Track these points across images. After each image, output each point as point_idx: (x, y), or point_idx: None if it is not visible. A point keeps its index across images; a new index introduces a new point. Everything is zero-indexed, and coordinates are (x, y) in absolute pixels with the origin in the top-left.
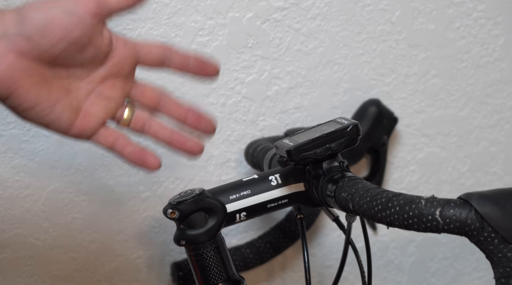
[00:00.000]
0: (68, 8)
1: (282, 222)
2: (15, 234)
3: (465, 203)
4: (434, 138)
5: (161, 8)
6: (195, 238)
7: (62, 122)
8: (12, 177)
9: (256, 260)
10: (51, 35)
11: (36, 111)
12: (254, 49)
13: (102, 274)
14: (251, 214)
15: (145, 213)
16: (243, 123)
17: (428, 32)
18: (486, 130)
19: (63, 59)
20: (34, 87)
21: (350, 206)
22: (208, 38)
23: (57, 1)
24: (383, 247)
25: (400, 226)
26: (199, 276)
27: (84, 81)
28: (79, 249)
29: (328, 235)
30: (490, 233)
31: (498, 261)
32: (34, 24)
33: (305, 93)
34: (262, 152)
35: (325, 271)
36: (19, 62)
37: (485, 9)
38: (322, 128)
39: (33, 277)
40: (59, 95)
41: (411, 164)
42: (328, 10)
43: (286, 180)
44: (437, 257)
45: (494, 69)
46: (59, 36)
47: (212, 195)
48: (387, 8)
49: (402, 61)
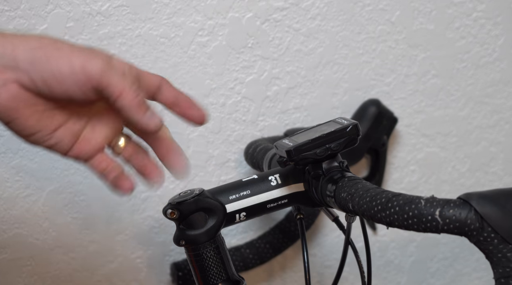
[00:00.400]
0: (85, 65)
1: (282, 222)
2: (15, 234)
3: (465, 203)
4: (434, 138)
5: (161, 8)
6: (195, 238)
7: (62, 145)
8: (12, 177)
9: (256, 260)
10: (59, 86)
11: (36, 137)
12: (254, 49)
13: (102, 274)
14: (251, 214)
15: (145, 213)
16: (243, 123)
17: (428, 32)
18: (486, 130)
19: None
20: (34, 116)
21: (349, 206)
22: (208, 38)
23: (79, 52)
24: (383, 247)
25: (400, 226)
26: (198, 276)
27: (85, 109)
28: (79, 249)
29: (328, 235)
30: (490, 233)
31: (498, 261)
32: (45, 73)
33: (305, 93)
34: (262, 152)
35: (325, 271)
36: (22, 93)
37: (485, 9)
38: (322, 128)
39: (33, 277)
40: (60, 123)
41: (411, 164)
42: (328, 10)
43: (286, 180)
44: (436, 257)
45: (494, 69)
46: (67, 88)
47: (212, 195)
48: (387, 8)
49: (402, 61)
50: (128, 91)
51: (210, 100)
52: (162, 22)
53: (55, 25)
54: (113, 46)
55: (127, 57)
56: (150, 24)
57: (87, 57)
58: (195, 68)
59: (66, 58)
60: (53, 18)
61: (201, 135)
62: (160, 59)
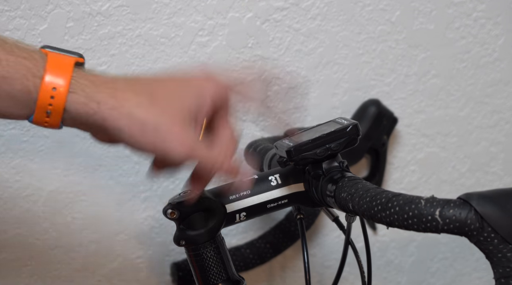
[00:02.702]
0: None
1: (282, 222)
2: (15, 234)
3: (465, 203)
4: (434, 138)
5: (161, 8)
6: (195, 238)
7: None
8: (12, 177)
9: (256, 260)
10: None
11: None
12: (254, 49)
13: (102, 274)
14: (251, 214)
15: (145, 213)
16: (243, 123)
17: (428, 32)
18: (486, 130)
19: None
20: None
21: (350, 206)
22: (208, 38)
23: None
24: (383, 247)
25: (400, 226)
26: (199, 276)
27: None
28: (79, 249)
29: (328, 235)
30: (490, 233)
31: (498, 261)
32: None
33: (305, 93)
34: (262, 152)
35: (325, 271)
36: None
37: (485, 9)
38: (322, 128)
39: (33, 277)
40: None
41: (411, 164)
42: (328, 10)
43: (286, 180)
44: (437, 257)
45: (494, 69)
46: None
47: (212, 195)
48: (387, 8)
49: (402, 61)
50: (217, 164)
51: None
52: (162, 22)
53: (55, 25)
54: (113, 46)
55: (127, 57)
56: (150, 24)
57: (172, 143)
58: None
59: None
60: (53, 18)
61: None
62: (160, 59)
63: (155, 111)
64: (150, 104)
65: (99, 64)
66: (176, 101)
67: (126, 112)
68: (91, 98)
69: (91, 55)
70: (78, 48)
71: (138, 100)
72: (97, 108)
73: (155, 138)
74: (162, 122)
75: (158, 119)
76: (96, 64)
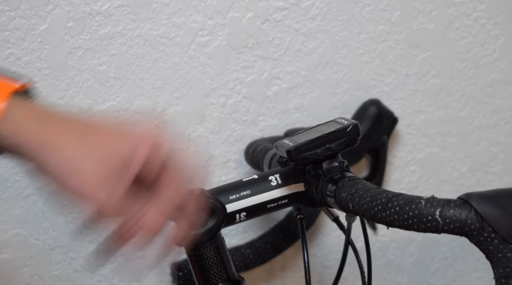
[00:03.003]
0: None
1: (282, 222)
2: (15, 234)
3: (465, 203)
4: (434, 138)
5: (161, 8)
6: (195, 238)
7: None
8: (12, 177)
9: (256, 260)
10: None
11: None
12: (254, 49)
13: (102, 274)
14: (251, 214)
15: None
16: (243, 123)
17: (428, 32)
18: (486, 130)
19: None
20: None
21: (350, 206)
22: (208, 38)
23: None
24: (383, 247)
25: (400, 226)
26: (199, 276)
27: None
28: (79, 249)
29: (328, 235)
30: (490, 233)
31: (498, 261)
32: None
33: (305, 93)
34: (262, 152)
35: (325, 271)
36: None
37: (485, 9)
38: (322, 128)
39: (33, 277)
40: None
41: (411, 164)
42: (328, 10)
43: (286, 180)
44: (437, 257)
45: (494, 69)
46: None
47: (212, 195)
48: (387, 8)
49: (402, 61)
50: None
51: (211, 100)
52: (162, 22)
53: (55, 25)
54: (113, 46)
55: (127, 57)
56: (150, 24)
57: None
58: (195, 68)
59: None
60: (53, 18)
61: (202, 135)
62: (160, 59)
63: (82, 151)
64: (78, 144)
65: (99, 64)
66: (106, 147)
67: (52, 148)
68: (20, 130)
69: (91, 55)
70: (78, 48)
71: (68, 138)
72: (24, 141)
73: (71, 177)
74: (85, 163)
75: (83, 159)
76: (96, 64)
